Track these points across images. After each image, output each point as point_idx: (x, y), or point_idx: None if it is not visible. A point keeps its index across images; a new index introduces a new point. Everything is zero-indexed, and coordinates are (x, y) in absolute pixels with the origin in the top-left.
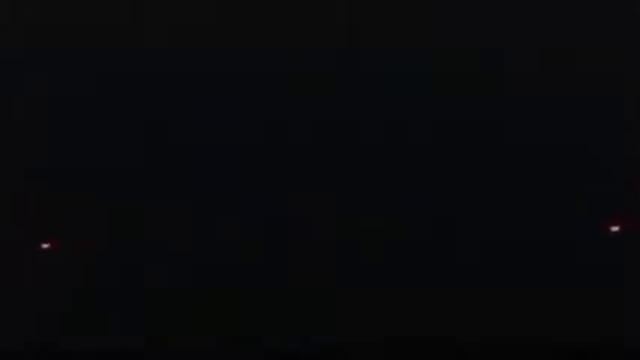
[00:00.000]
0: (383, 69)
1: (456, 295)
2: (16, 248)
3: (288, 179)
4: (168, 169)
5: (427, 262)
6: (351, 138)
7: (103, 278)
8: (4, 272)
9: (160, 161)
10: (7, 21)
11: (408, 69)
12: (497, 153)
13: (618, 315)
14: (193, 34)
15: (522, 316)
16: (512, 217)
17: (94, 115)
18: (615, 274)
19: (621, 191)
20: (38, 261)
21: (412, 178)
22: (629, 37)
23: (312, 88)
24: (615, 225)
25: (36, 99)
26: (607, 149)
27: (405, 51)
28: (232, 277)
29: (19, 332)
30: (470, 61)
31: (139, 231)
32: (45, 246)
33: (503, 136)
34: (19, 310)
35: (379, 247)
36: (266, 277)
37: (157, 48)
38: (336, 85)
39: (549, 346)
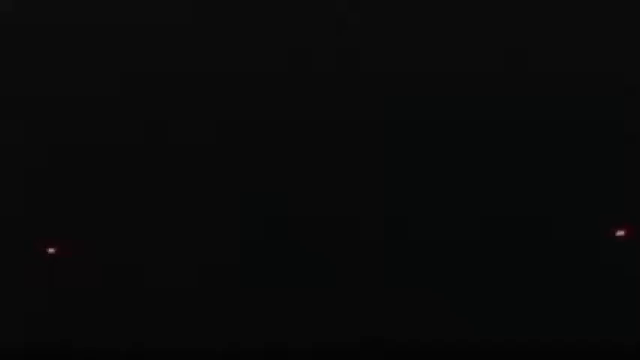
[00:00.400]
0: (382, 69)
1: (457, 297)
2: (20, 252)
3: (287, 179)
4: (169, 169)
5: (428, 263)
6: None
7: (103, 279)
8: (6, 273)
9: (160, 161)
10: (7, 20)
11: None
12: (498, 154)
13: (619, 317)
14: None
15: (525, 318)
16: (513, 220)
17: (94, 115)
18: (619, 279)
19: (625, 194)
20: (43, 263)
21: (412, 179)
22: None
23: (310, 88)
24: (620, 230)
25: (34, 99)
26: (610, 151)
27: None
28: (232, 278)
29: (19, 332)
30: (470, 61)
31: (139, 231)
32: (51, 251)
33: (504, 137)
34: (20, 311)
35: (380, 248)
36: (265, 278)
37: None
38: (335, 85)
39: (549, 347)
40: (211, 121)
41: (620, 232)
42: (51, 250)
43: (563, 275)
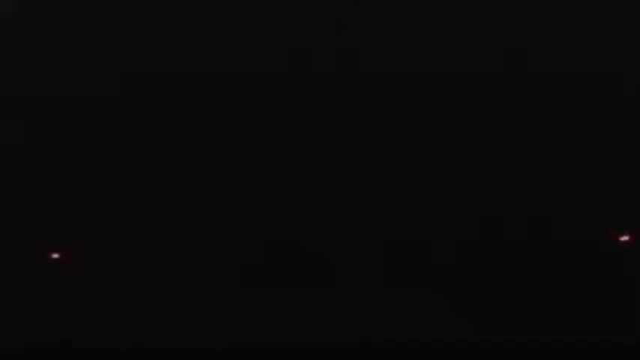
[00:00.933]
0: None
1: (457, 297)
2: (20, 253)
3: (287, 179)
4: (169, 169)
5: (428, 263)
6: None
7: (103, 279)
8: (6, 273)
9: (161, 161)
10: (7, 20)
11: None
12: (498, 154)
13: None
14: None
15: (525, 318)
16: (513, 220)
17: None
18: (619, 279)
19: (629, 199)
20: (43, 263)
21: (411, 179)
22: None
23: (311, 88)
24: (624, 235)
25: (34, 99)
26: (610, 151)
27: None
28: (232, 278)
29: (19, 332)
30: (470, 61)
31: (139, 231)
32: (55, 256)
33: (504, 137)
34: (20, 311)
35: (380, 248)
36: (265, 278)
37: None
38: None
39: (549, 347)
40: (211, 121)
41: (624, 238)
42: (55, 255)
43: (563, 275)
